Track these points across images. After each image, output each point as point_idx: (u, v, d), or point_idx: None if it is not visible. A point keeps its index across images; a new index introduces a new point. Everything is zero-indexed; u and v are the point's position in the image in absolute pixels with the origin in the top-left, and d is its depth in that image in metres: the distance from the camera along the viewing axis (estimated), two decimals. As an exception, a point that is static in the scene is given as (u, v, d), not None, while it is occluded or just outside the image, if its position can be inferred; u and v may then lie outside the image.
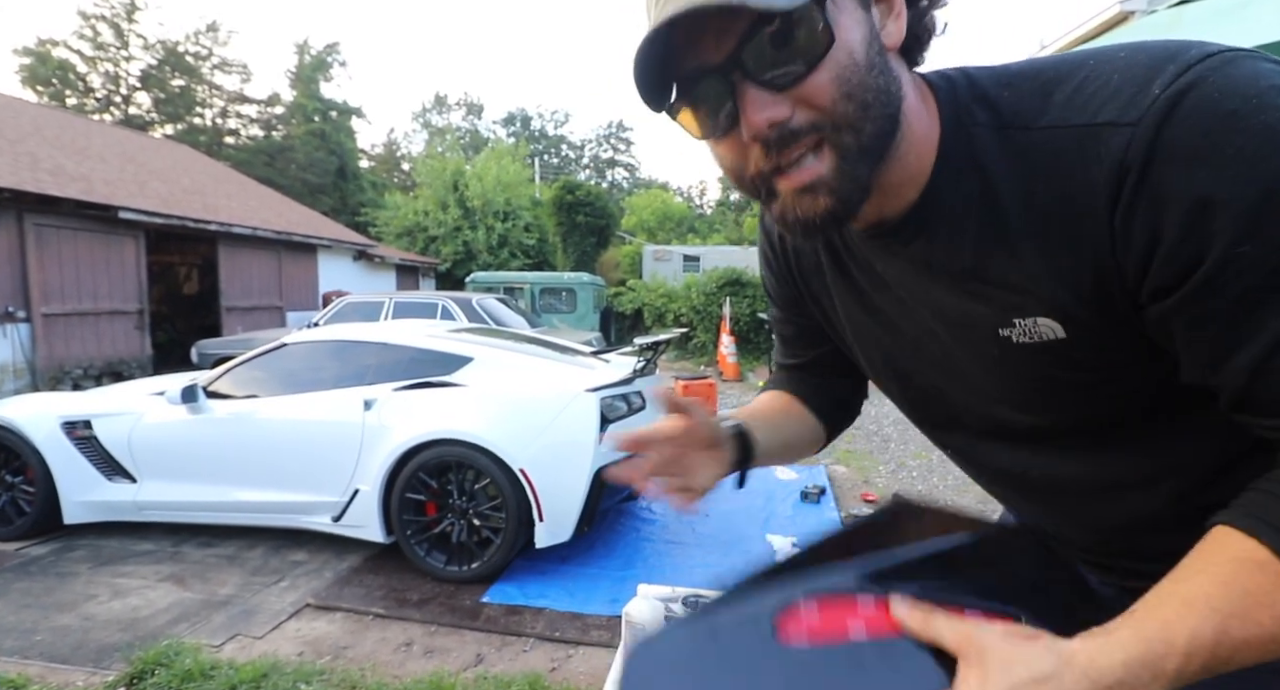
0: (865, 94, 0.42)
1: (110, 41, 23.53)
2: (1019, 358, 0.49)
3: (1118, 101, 0.39)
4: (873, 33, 0.43)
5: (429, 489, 2.70)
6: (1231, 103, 0.36)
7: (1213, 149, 0.36)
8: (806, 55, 0.40)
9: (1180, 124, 0.37)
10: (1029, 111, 0.43)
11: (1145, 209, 0.38)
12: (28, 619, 2.39)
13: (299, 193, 22.58)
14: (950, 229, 0.48)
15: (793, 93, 0.42)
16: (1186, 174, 0.37)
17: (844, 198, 0.45)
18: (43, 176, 7.54)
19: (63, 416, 3.12)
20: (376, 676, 2.02)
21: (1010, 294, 0.46)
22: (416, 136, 39.38)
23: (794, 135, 0.43)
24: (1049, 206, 0.43)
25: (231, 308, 10.17)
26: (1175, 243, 0.38)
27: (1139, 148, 0.38)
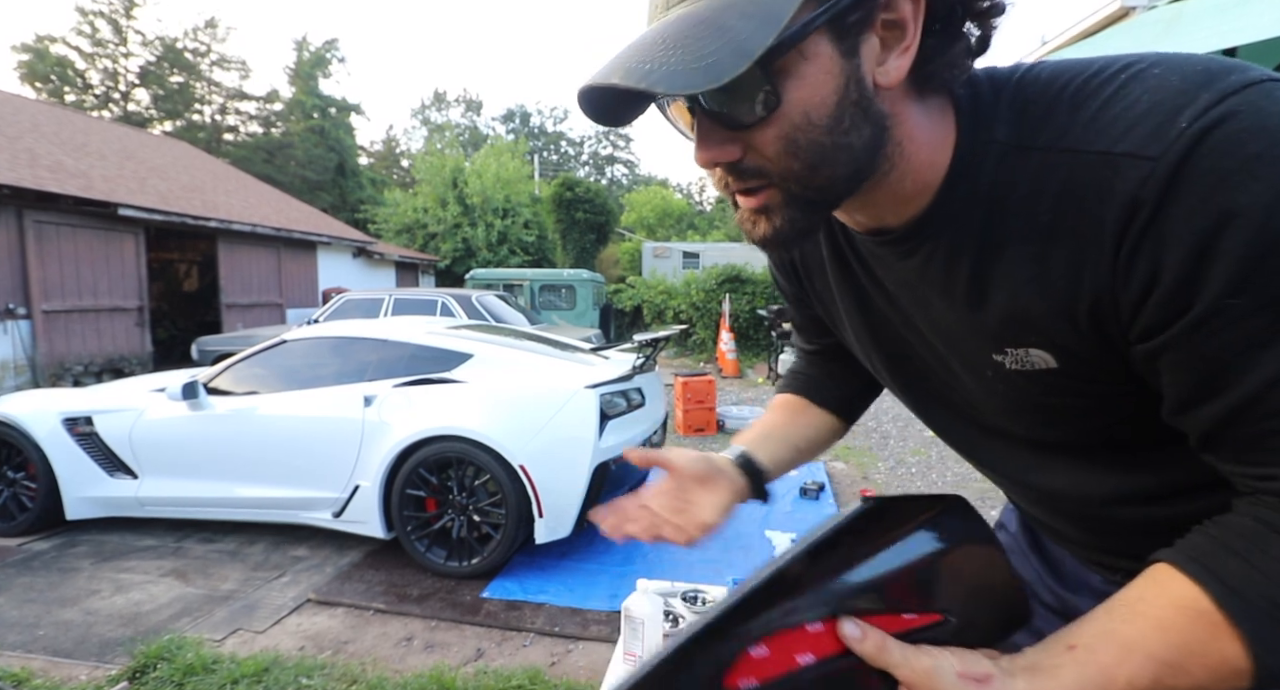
0: (815, 154, 0.41)
1: (109, 38, 23.47)
2: (1011, 383, 0.49)
3: (1142, 131, 0.37)
4: (849, 83, 0.40)
5: (429, 485, 2.71)
6: (1257, 144, 0.34)
7: (1226, 193, 0.35)
8: (752, 108, 0.40)
9: (1199, 164, 0.35)
10: (1051, 130, 0.41)
11: (1150, 248, 0.37)
12: (30, 614, 2.40)
13: (298, 190, 22.56)
14: (951, 248, 0.46)
15: (744, 136, 0.42)
16: (1196, 218, 0.36)
17: (785, 232, 0.45)
18: (42, 173, 7.54)
19: (64, 413, 3.13)
20: (377, 671, 2.03)
21: (1004, 321, 0.46)
22: (416, 133, 39.31)
23: (743, 174, 0.43)
24: (1056, 234, 0.41)
25: (231, 304, 10.17)
26: (1171, 285, 0.37)
27: (1155, 186, 0.36)
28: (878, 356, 0.63)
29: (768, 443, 0.70)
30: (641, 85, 0.37)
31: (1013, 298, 0.44)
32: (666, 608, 1.56)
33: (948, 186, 0.45)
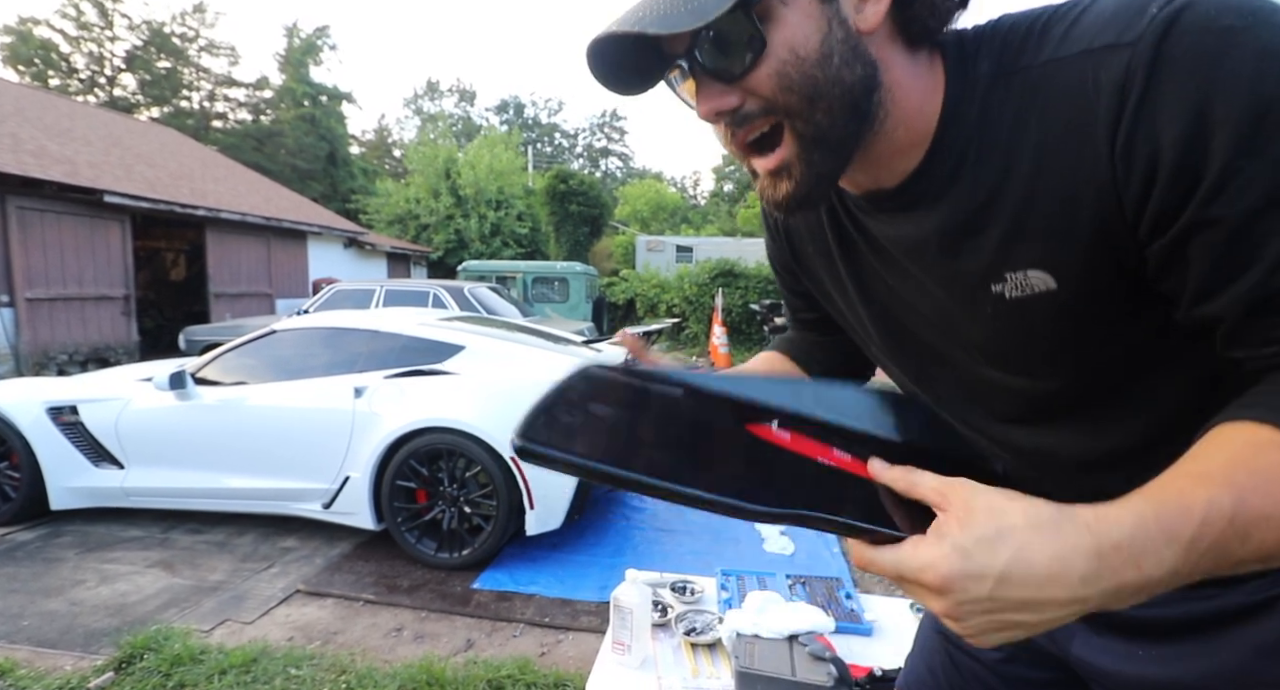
0: (810, 87, 0.44)
1: (94, 21, 23.01)
2: (1011, 313, 0.48)
3: (1115, 25, 0.39)
4: (832, 24, 0.43)
5: (420, 476, 2.71)
6: (1227, 18, 0.36)
7: (1211, 65, 0.36)
8: (742, 55, 0.43)
9: (1178, 41, 0.36)
10: (1030, 52, 0.43)
11: (1145, 128, 0.38)
12: (14, 604, 2.38)
13: (288, 178, 22.29)
14: (948, 190, 0.47)
15: (740, 83, 0.44)
16: (1186, 90, 0.36)
17: (807, 183, 0.47)
18: (25, 158, 7.39)
19: (48, 402, 3.09)
20: (366, 661, 2.03)
21: (1002, 245, 0.46)
22: (408, 123, 38.88)
23: (746, 118, 0.46)
24: (1048, 142, 0.42)
25: (220, 294, 10.06)
26: (1174, 164, 0.37)
27: (1139, 66, 0.37)
28: (871, 323, 0.62)
29: None
30: (635, 29, 0.40)
31: (1012, 218, 0.45)
32: (655, 597, 1.57)
33: (940, 131, 0.47)
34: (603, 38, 0.43)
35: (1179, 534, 0.33)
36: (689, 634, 1.43)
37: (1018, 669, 0.67)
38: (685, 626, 1.46)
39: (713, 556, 2.78)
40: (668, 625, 1.48)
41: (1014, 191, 0.44)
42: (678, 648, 1.41)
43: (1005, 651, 0.68)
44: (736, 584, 1.68)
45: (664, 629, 1.47)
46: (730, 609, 1.47)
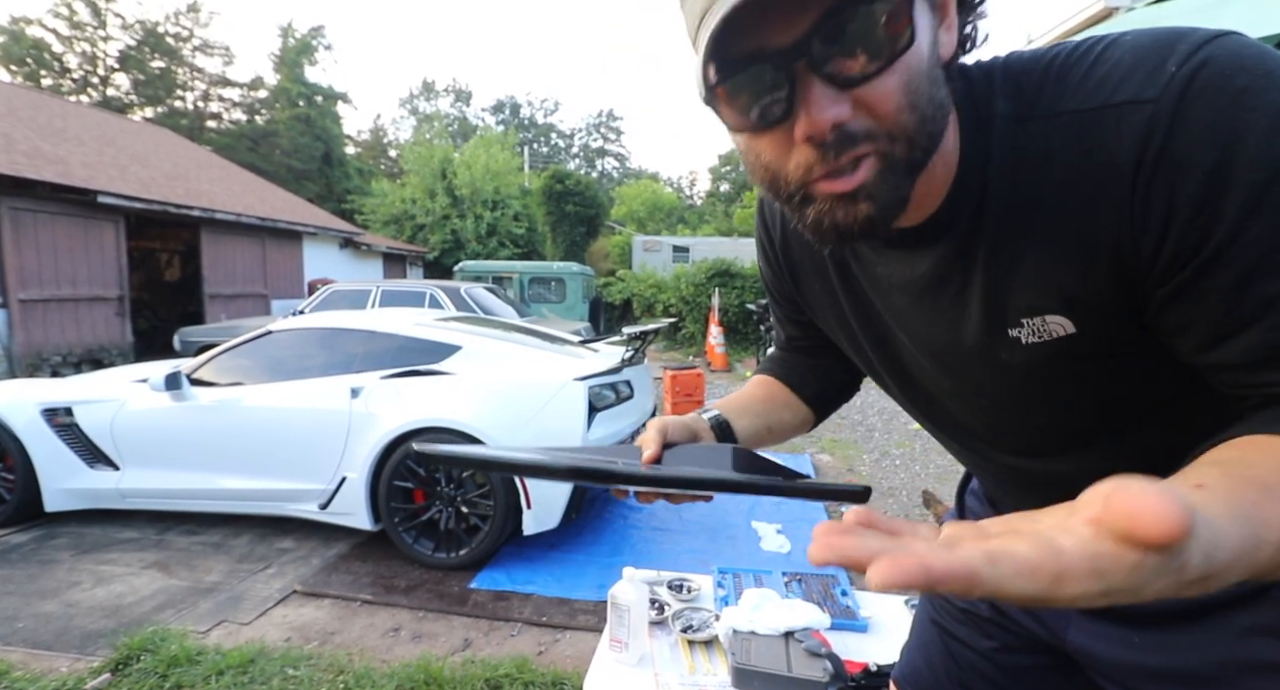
0: (926, 106, 0.41)
1: (87, 20, 22.87)
2: (1027, 359, 0.48)
3: (1134, 80, 0.39)
4: (934, 41, 0.42)
5: (417, 476, 2.71)
6: (1243, 80, 0.37)
7: (1226, 126, 0.37)
8: (883, 52, 0.38)
9: (1197, 101, 0.38)
10: (1047, 99, 0.43)
11: (1164, 181, 0.39)
12: (9, 606, 2.37)
13: (283, 179, 22.21)
14: (967, 234, 0.47)
15: (856, 92, 0.39)
16: (1201, 150, 0.38)
17: (884, 207, 0.43)
18: (18, 158, 7.35)
19: (43, 403, 3.08)
20: (364, 661, 2.03)
21: (1021, 292, 0.46)
22: (404, 123, 38.79)
23: (851, 140, 0.40)
24: (1069, 192, 0.42)
25: (215, 295, 10.02)
26: (1189, 215, 0.38)
27: (1161, 123, 0.38)
28: (879, 361, 0.63)
29: (745, 416, 0.71)
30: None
31: (1031, 266, 0.45)
32: (652, 595, 1.58)
33: (961, 170, 0.46)
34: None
35: (1256, 554, 0.29)
36: (686, 631, 1.44)
37: (1014, 657, 0.68)
38: (682, 624, 1.46)
39: (709, 555, 2.79)
40: (665, 623, 1.49)
41: (1036, 237, 0.44)
42: (675, 645, 1.42)
43: (1000, 640, 0.69)
44: (733, 582, 1.69)
45: (661, 627, 1.48)
46: (727, 606, 1.48)
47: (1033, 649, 0.67)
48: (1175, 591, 0.28)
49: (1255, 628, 0.49)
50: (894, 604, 1.63)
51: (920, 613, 0.80)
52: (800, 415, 0.78)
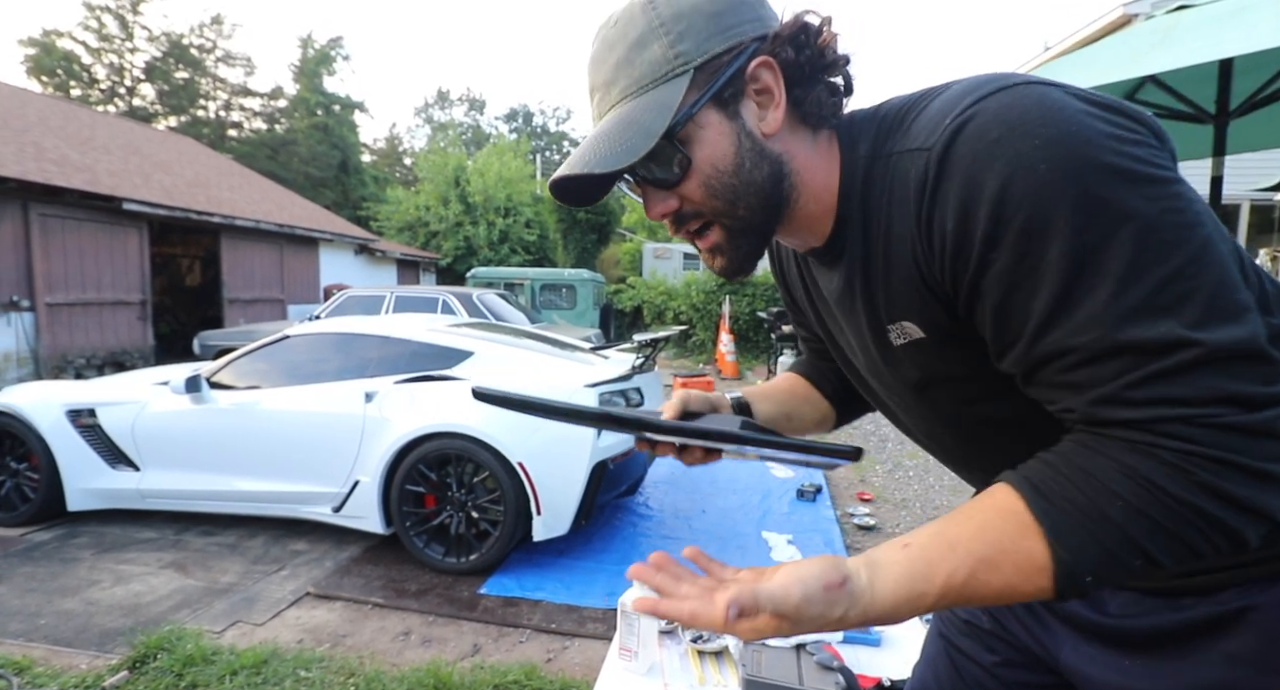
0: (730, 192, 0.53)
1: (115, 33, 23.53)
2: (901, 357, 0.56)
3: (925, 130, 0.48)
4: (742, 135, 0.53)
5: (428, 481, 2.73)
6: (996, 130, 0.43)
7: (975, 170, 0.43)
8: (674, 173, 0.54)
9: (957, 150, 0.45)
10: (893, 139, 0.51)
11: (936, 218, 0.46)
12: (32, 603, 2.42)
13: (301, 186, 22.60)
14: (851, 253, 0.56)
15: (675, 192, 0.55)
16: (956, 191, 0.44)
17: (736, 260, 0.57)
18: (48, 166, 7.56)
19: (67, 404, 3.15)
20: (374, 665, 2.05)
21: (883, 301, 0.54)
22: (419, 131, 39.32)
23: (684, 219, 0.56)
24: (895, 224, 0.51)
25: (233, 300, 10.20)
26: (952, 249, 0.46)
27: (931, 170, 0.46)
28: (840, 363, 0.71)
29: (765, 401, 0.78)
30: (584, 171, 0.51)
31: (883, 279, 0.54)
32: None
33: (841, 201, 0.56)
34: (559, 179, 0.53)
35: (921, 606, 0.43)
36: (696, 641, 1.43)
37: (1016, 673, 0.68)
38: (692, 634, 1.46)
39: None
40: (674, 632, 1.49)
41: (882, 258, 0.53)
42: (684, 655, 1.41)
43: (1002, 654, 0.69)
44: (743, 591, 1.68)
45: (671, 636, 1.48)
46: (737, 616, 1.47)
47: (1034, 666, 0.67)
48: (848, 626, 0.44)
49: (1235, 656, 0.50)
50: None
51: (931, 627, 0.80)
52: (820, 410, 0.82)
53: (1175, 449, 0.39)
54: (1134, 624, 0.55)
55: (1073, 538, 0.40)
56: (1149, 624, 0.55)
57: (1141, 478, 0.39)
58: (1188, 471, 0.38)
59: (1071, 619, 0.61)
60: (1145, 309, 0.39)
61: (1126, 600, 0.57)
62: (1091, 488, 0.41)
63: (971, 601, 0.43)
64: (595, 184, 0.57)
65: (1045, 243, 0.41)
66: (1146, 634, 0.55)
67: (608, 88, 0.54)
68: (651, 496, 3.71)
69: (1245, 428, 0.38)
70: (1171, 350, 0.39)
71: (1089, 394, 0.42)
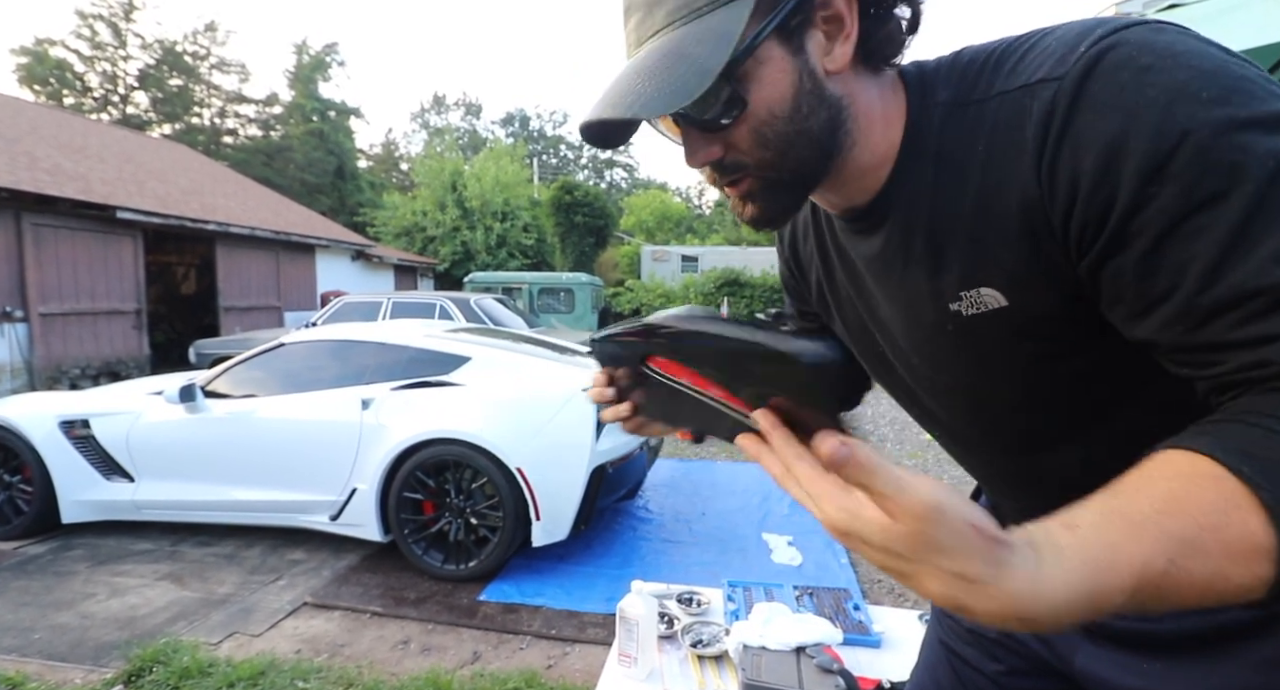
0: (782, 141, 0.47)
1: (108, 41, 23.50)
2: (970, 331, 0.50)
3: (1051, 62, 0.42)
4: (804, 74, 0.46)
5: (426, 488, 2.71)
6: (1148, 58, 0.39)
7: (1127, 98, 0.38)
8: (724, 115, 0.46)
9: (1101, 76, 0.39)
10: (984, 85, 0.46)
11: (1067, 156, 0.40)
12: (26, 617, 2.40)
13: (297, 193, 22.57)
14: (910, 211, 0.50)
15: (720, 137, 0.48)
16: (1103, 121, 0.39)
17: (770, 212, 0.51)
18: (40, 176, 7.54)
19: (60, 416, 3.13)
20: (373, 674, 2.03)
21: (956, 266, 0.48)
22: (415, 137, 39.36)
23: (726, 170, 0.49)
24: (990, 166, 0.45)
25: (229, 308, 10.16)
26: (1091, 187, 0.40)
27: (1063, 99, 0.40)
28: (861, 342, 0.65)
29: None
30: (627, 115, 0.43)
31: (963, 237, 0.48)
32: (661, 609, 1.57)
33: (902, 155, 0.50)
34: (592, 122, 0.46)
35: (1102, 608, 0.31)
36: (695, 646, 1.42)
37: (1022, 681, 0.67)
38: (692, 638, 1.45)
39: (719, 568, 2.76)
40: (674, 637, 1.48)
41: (966, 213, 0.47)
42: (684, 660, 1.40)
43: (1007, 663, 0.68)
44: (743, 595, 1.67)
45: (670, 641, 1.47)
46: (737, 620, 1.46)
47: (1041, 673, 0.65)
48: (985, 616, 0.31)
49: (1274, 660, 0.47)
50: (908, 619, 1.60)
51: (929, 633, 0.79)
52: None
53: None
54: (1157, 628, 0.53)
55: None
56: (1174, 628, 0.52)
57: None
58: None
59: (1086, 623, 0.59)
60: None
61: None
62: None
63: (1167, 602, 0.32)
64: (632, 127, 0.50)
65: (1219, 171, 0.36)
66: (1169, 638, 0.52)
67: (650, 9, 0.45)
68: (651, 500, 3.70)
69: None
70: None
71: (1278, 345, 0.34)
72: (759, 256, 13.79)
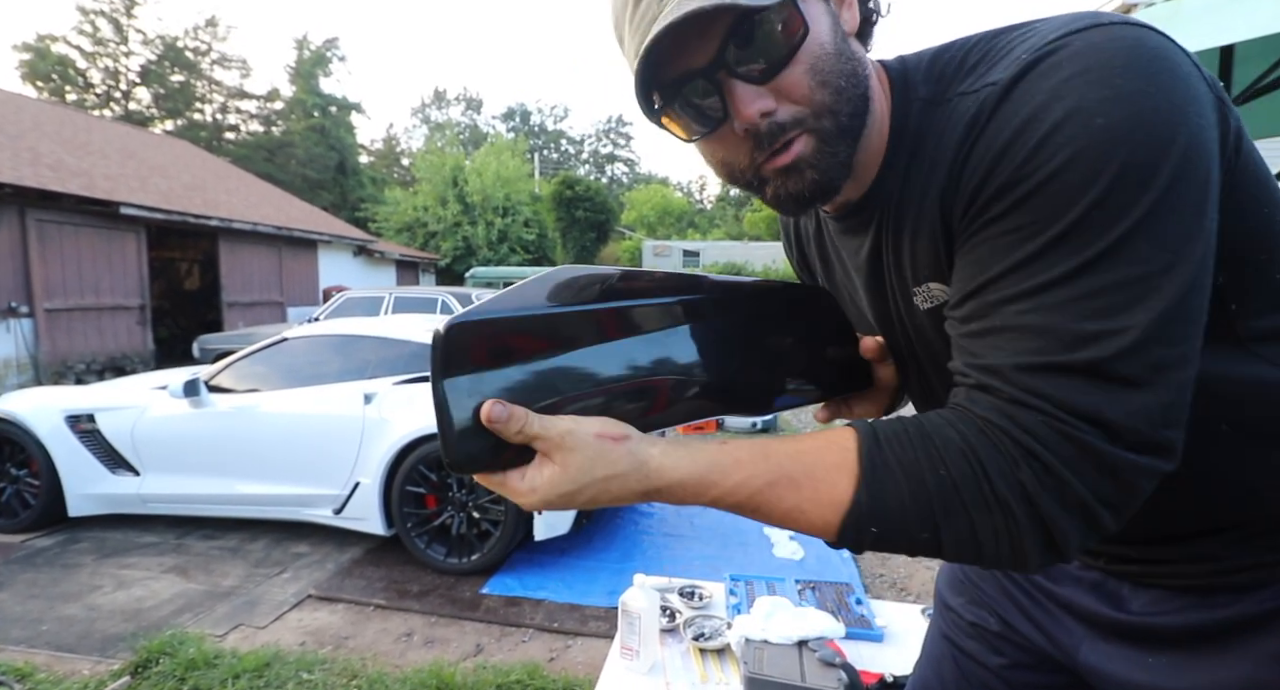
0: (838, 80, 0.45)
1: (109, 37, 23.50)
2: (929, 324, 0.51)
3: (1004, 63, 0.42)
4: (835, 21, 0.46)
5: (429, 482, 2.72)
6: (1070, 69, 0.38)
7: (1031, 108, 0.38)
8: (784, 48, 0.43)
9: (1024, 83, 0.39)
10: (957, 83, 0.46)
11: (974, 157, 0.42)
12: (34, 609, 2.42)
13: (299, 188, 22.59)
14: (893, 207, 0.51)
15: (773, 85, 0.44)
16: (1004, 129, 0.39)
17: (826, 173, 0.47)
18: (44, 172, 7.55)
19: (66, 410, 3.14)
20: (377, 666, 2.04)
21: (913, 260, 0.50)
22: (416, 132, 39.34)
23: (781, 129, 0.45)
24: (936, 171, 0.45)
25: (233, 303, 10.19)
26: (974, 186, 0.41)
27: (989, 104, 0.41)
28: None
29: None
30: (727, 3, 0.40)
31: (911, 233, 0.49)
32: (663, 603, 1.57)
33: (890, 149, 0.50)
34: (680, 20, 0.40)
35: (703, 495, 0.42)
36: (697, 639, 1.42)
37: (1025, 675, 0.67)
38: (694, 632, 1.45)
39: (721, 561, 2.77)
40: (676, 630, 1.48)
41: (925, 211, 0.47)
42: (686, 653, 1.41)
43: (1010, 657, 0.68)
44: (745, 589, 1.68)
45: (672, 634, 1.47)
46: (739, 614, 1.47)
47: (1045, 667, 0.65)
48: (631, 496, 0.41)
49: (1276, 652, 0.47)
50: (910, 613, 1.60)
51: (932, 627, 0.78)
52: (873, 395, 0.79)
53: (1021, 442, 0.37)
54: (1161, 622, 0.53)
55: (881, 487, 0.39)
56: (1178, 622, 0.52)
57: (975, 458, 0.38)
58: (1017, 465, 0.37)
59: (1089, 617, 0.59)
60: (1093, 301, 0.37)
61: (1152, 598, 0.54)
62: (926, 452, 0.39)
63: (756, 512, 0.42)
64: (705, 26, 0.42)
65: (1054, 202, 0.37)
66: (1175, 632, 0.52)
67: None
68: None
69: (1100, 456, 0.36)
70: (1084, 347, 0.36)
71: (987, 359, 0.40)
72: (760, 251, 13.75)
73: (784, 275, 12.93)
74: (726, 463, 0.41)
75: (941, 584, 0.77)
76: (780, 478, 0.41)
